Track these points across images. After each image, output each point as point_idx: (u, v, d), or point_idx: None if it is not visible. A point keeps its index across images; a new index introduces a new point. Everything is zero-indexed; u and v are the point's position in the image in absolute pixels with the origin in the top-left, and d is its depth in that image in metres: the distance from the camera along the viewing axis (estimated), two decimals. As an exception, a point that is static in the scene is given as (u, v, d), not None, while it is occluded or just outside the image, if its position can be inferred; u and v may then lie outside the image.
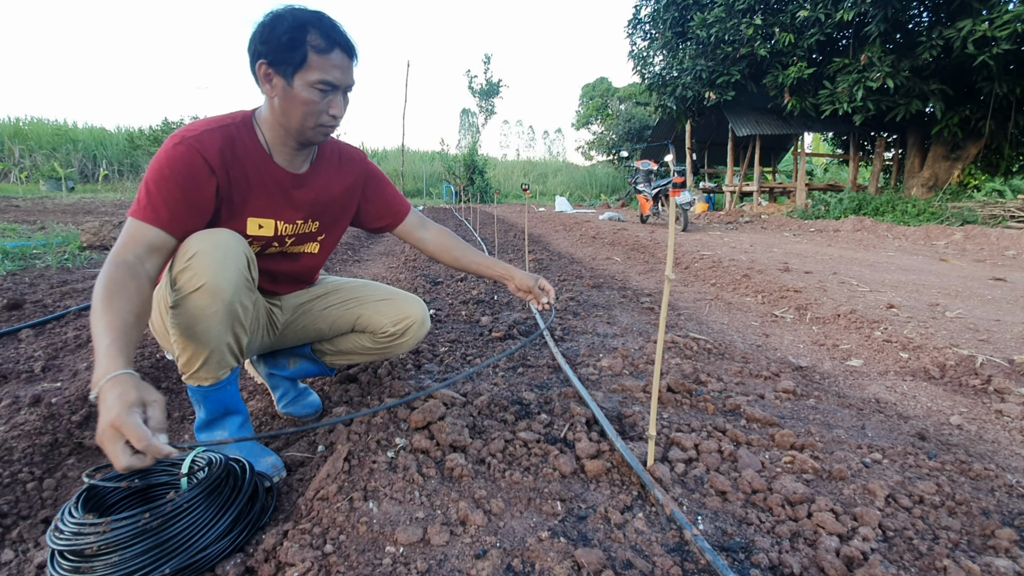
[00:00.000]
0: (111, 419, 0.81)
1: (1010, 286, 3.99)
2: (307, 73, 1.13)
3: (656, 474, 1.23)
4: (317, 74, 1.13)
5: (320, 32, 1.13)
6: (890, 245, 6.72)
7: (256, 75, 1.17)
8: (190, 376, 1.22)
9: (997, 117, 9.44)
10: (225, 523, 0.98)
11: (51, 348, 2.16)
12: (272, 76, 1.15)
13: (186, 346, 1.18)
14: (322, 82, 1.14)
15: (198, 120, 1.20)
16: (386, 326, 1.52)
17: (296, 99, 1.15)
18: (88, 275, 3.73)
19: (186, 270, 1.12)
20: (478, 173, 22.49)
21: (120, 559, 0.86)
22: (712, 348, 2.36)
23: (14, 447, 1.35)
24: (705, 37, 11.38)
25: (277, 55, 1.12)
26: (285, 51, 1.12)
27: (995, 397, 1.94)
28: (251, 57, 1.17)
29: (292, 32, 1.11)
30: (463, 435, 1.37)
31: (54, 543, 0.88)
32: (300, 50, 1.12)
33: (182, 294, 1.13)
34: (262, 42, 1.13)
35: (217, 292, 1.13)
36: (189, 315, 1.14)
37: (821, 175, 22.78)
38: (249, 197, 1.24)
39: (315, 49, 1.12)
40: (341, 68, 1.17)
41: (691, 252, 5.65)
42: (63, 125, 22.47)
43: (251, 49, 1.16)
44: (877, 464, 1.37)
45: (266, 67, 1.14)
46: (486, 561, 0.95)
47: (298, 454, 1.40)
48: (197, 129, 1.16)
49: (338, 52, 1.16)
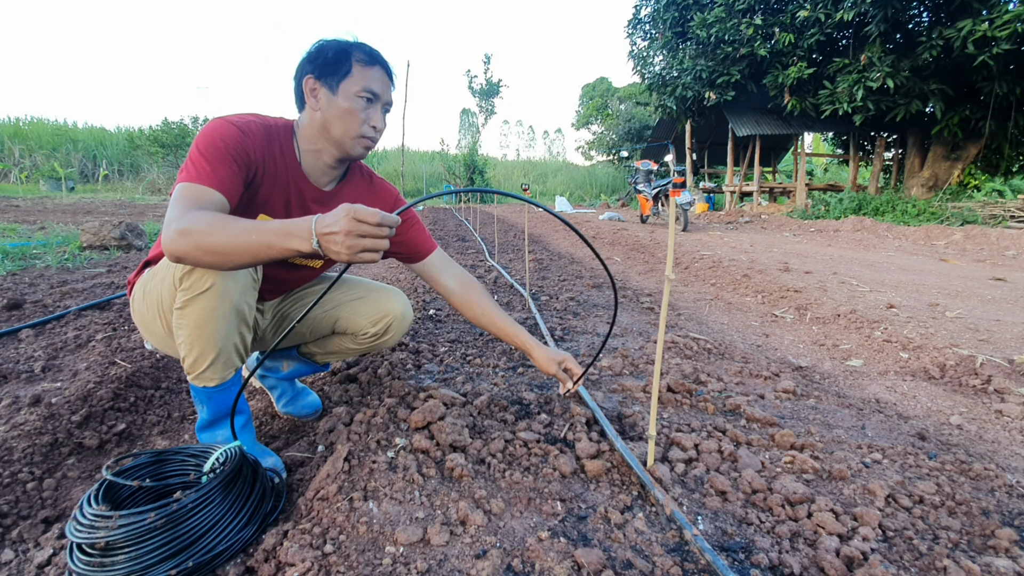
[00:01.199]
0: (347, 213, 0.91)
1: (1010, 286, 3.99)
2: (351, 82, 1.20)
3: (656, 474, 1.23)
4: (361, 83, 1.20)
5: (363, 51, 1.22)
6: (890, 245, 6.72)
7: (301, 92, 1.24)
8: (196, 377, 1.22)
9: (997, 117, 9.44)
10: (242, 517, 1.00)
11: (51, 348, 2.16)
12: (318, 89, 1.21)
13: (193, 347, 1.17)
14: (366, 90, 1.21)
15: (241, 113, 1.23)
16: (365, 327, 1.50)
17: (340, 108, 1.20)
18: (88, 275, 3.73)
19: (194, 271, 1.12)
20: (478, 173, 22.50)
21: (137, 553, 0.88)
22: (712, 348, 2.36)
23: (14, 447, 1.35)
24: (705, 37, 11.39)
25: (324, 69, 1.20)
26: (332, 64, 1.20)
27: (995, 397, 1.94)
28: (297, 77, 1.24)
29: (338, 49, 1.21)
30: (463, 435, 1.37)
31: (74, 535, 0.89)
32: (346, 63, 1.20)
33: (191, 294, 1.12)
34: (310, 62, 1.22)
35: (225, 293, 1.13)
36: (197, 316, 1.14)
37: (821, 175, 22.79)
38: (269, 197, 1.26)
39: (359, 62, 1.21)
40: (382, 83, 1.24)
41: (691, 252, 5.65)
42: (63, 125, 22.48)
43: (298, 72, 1.24)
44: (877, 464, 1.37)
45: (313, 80, 1.21)
46: (486, 561, 0.95)
47: (298, 454, 1.40)
48: (245, 118, 1.19)
49: (379, 69, 1.24)
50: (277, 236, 0.95)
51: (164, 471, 1.08)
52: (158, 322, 1.26)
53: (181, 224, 0.97)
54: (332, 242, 0.92)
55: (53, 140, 20.44)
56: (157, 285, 1.22)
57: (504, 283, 3.85)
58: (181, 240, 0.96)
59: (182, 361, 1.22)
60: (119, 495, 1.02)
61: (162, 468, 1.08)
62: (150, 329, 1.31)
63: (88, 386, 1.68)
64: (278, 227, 0.95)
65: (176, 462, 1.09)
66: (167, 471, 1.08)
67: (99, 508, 0.92)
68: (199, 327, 1.15)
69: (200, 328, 1.15)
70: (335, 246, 0.92)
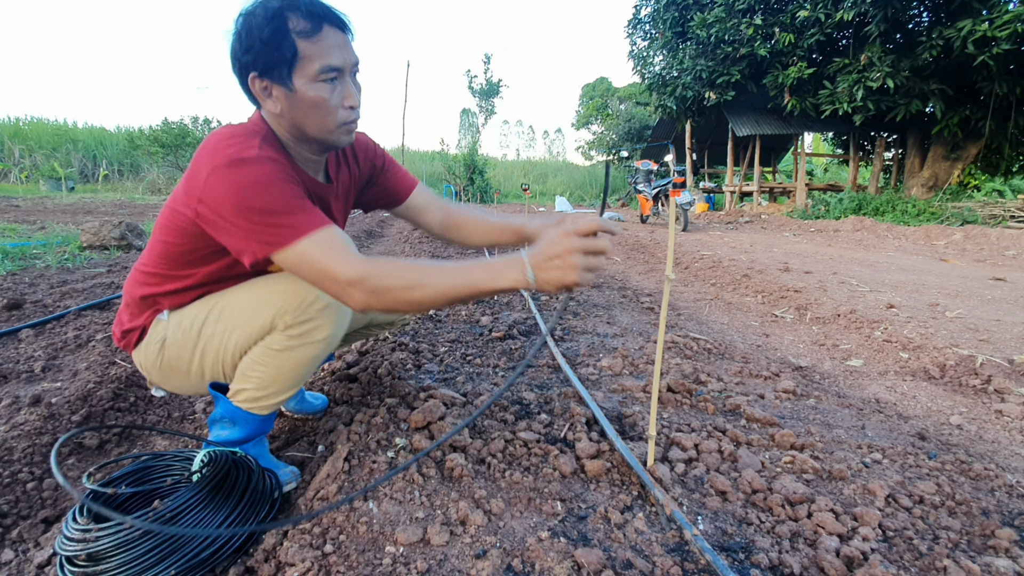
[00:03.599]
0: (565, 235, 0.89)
1: (1010, 286, 3.99)
2: (305, 66, 0.97)
3: (656, 474, 1.23)
4: (316, 63, 0.97)
5: (300, 13, 0.96)
6: (890, 245, 6.72)
7: (251, 94, 1.02)
8: (256, 407, 1.16)
9: (997, 117, 9.44)
10: (232, 522, 0.99)
11: (51, 348, 2.16)
12: (270, 87, 1.00)
13: (270, 386, 1.14)
14: (324, 70, 0.98)
15: (224, 133, 1.00)
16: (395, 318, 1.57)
17: (304, 102, 0.99)
18: (88, 275, 3.73)
19: (312, 320, 1.10)
20: (478, 173, 22.48)
21: (122, 561, 0.87)
22: (712, 348, 2.36)
23: (14, 447, 1.35)
24: (705, 37, 11.38)
25: (265, 60, 0.96)
26: (271, 51, 0.95)
27: (995, 397, 1.94)
28: (239, 75, 1.01)
29: (271, 25, 0.94)
30: (463, 435, 1.37)
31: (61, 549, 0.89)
32: (286, 43, 0.95)
33: (301, 342, 1.10)
34: (244, 51, 0.97)
35: (333, 342, 1.14)
36: (296, 361, 1.12)
37: (821, 175, 22.78)
38: None
39: (302, 35, 0.96)
40: (339, 46, 0.99)
41: (691, 252, 5.65)
42: (63, 125, 22.47)
43: (235, 66, 1.00)
44: (877, 464, 1.36)
45: (259, 79, 0.99)
46: (486, 561, 0.95)
47: (298, 453, 1.40)
48: (254, 144, 0.97)
49: (328, 28, 0.98)
50: (486, 279, 0.92)
51: (151, 477, 1.07)
52: (197, 366, 1.15)
53: (369, 284, 0.91)
54: (557, 268, 0.88)
55: (53, 140, 20.43)
56: (223, 329, 1.11)
57: (504, 283, 3.84)
58: (376, 299, 0.93)
59: (237, 391, 1.15)
60: (110, 503, 1.01)
61: (149, 474, 1.07)
62: (179, 374, 1.18)
63: (88, 386, 1.68)
64: (484, 270, 0.93)
65: (162, 467, 1.08)
66: (155, 476, 1.07)
67: (81, 521, 0.91)
68: (293, 371, 1.13)
69: (293, 371, 1.13)
70: (559, 273, 0.88)
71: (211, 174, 0.94)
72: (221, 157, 0.94)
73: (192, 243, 1.06)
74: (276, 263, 0.97)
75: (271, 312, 1.09)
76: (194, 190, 0.97)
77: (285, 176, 0.97)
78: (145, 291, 1.14)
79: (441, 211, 1.40)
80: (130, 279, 1.17)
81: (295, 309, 1.08)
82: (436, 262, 0.97)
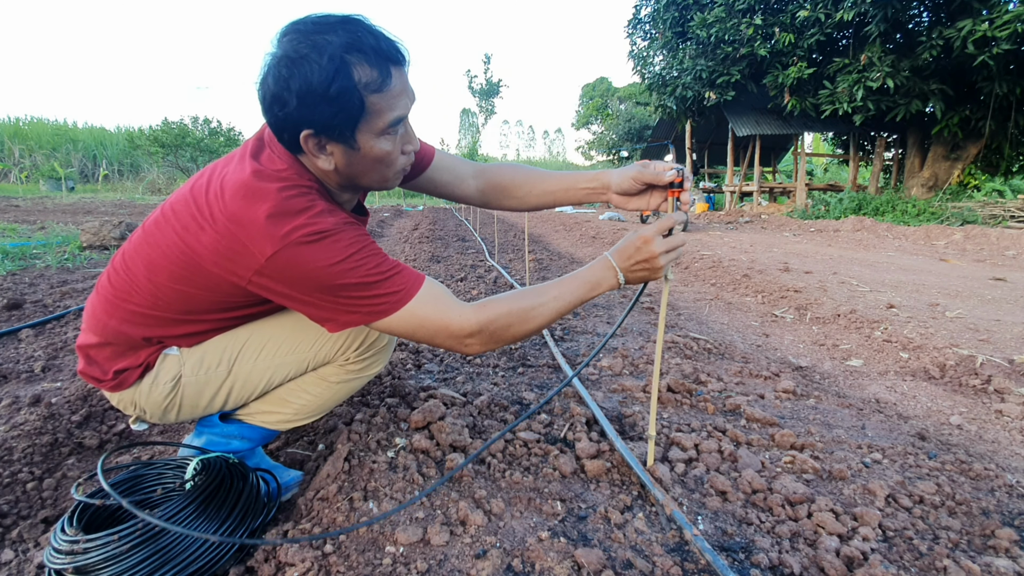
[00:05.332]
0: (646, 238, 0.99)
1: (1010, 286, 3.99)
2: (372, 122, 0.85)
3: (656, 474, 1.23)
4: (385, 118, 0.86)
5: (367, 59, 0.82)
6: (890, 245, 6.72)
7: (297, 146, 0.88)
8: (282, 426, 1.17)
9: (997, 117, 9.45)
10: (225, 529, 0.97)
11: (51, 348, 2.16)
12: (326, 144, 0.87)
13: (313, 411, 1.17)
14: (393, 123, 0.87)
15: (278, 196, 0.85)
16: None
17: (368, 159, 0.89)
18: (88, 275, 3.72)
19: (374, 356, 1.14)
20: (478, 173, 22.45)
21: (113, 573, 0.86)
22: (712, 348, 2.36)
23: (14, 447, 1.35)
24: (705, 37, 11.39)
25: (327, 118, 0.82)
26: (336, 109, 0.82)
27: (995, 397, 1.94)
28: (284, 127, 0.86)
29: (338, 81, 0.80)
30: (463, 435, 1.37)
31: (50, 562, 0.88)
32: (354, 99, 0.82)
33: (359, 376, 1.15)
34: (298, 104, 0.81)
35: (380, 373, 1.19)
36: (348, 391, 1.16)
37: (821, 175, 22.79)
38: None
39: (370, 88, 0.82)
40: (404, 91, 0.88)
41: (691, 252, 5.65)
42: (63, 125, 22.49)
43: (279, 118, 0.84)
44: (877, 464, 1.36)
45: (314, 138, 0.85)
46: (486, 561, 0.95)
47: (299, 452, 1.40)
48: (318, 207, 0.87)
49: (395, 72, 0.85)
50: (587, 292, 1.00)
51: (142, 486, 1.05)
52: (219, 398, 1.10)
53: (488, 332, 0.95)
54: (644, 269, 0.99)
55: (53, 140, 20.45)
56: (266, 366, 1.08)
57: (504, 283, 3.85)
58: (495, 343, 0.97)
59: (265, 414, 1.14)
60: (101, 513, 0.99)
61: (141, 483, 1.06)
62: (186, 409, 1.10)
63: (88, 386, 1.68)
64: (583, 284, 1.00)
65: (154, 475, 1.07)
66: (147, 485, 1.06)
67: (71, 532, 0.89)
68: (338, 399, 1.18)
69: (338, 400, 1.18)
70: (646, 274, 1.00)
71: (282, 251, 0.82)
72: (290, 232, 0.82)
73: (228, 299, 0.97)
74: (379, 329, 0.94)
75: (332, 347, 1.11)
76: (249, 261, 0.85)
77: (366, 238, 0.89)
78: (147, 332, 1.01)
79: (477, 177, 1.25)
80: (111, 313, 0.99)
81: (361, 346, 1.13)
82: (533, 288, 1.01)
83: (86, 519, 0.95)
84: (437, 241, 6.66)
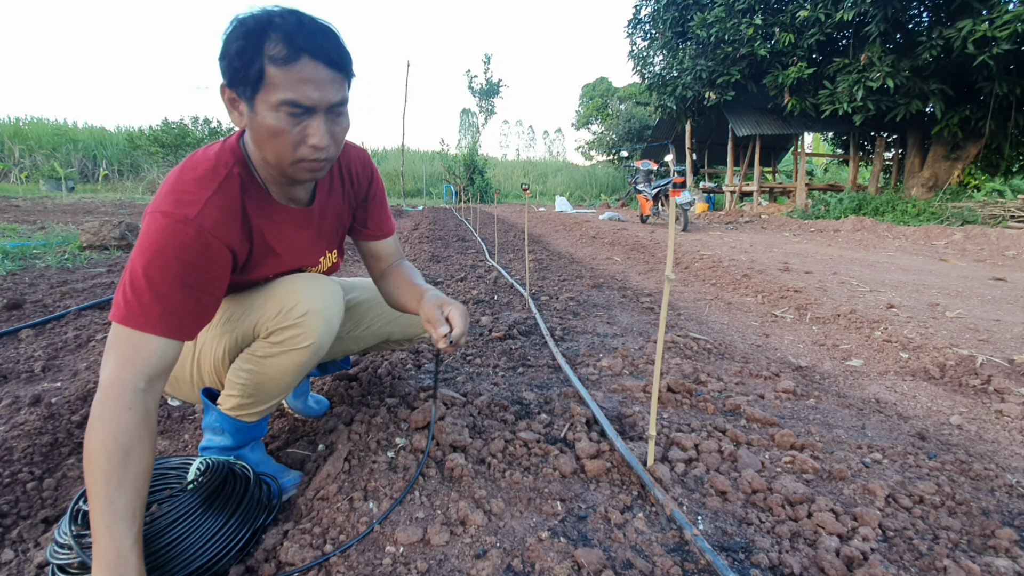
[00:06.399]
0: None
1: (1010, 286, 3.99)
2: (268, 93, 0.88)
3: (656, 474, 1.23)
4: (279, 93, 0.88)
5: (282, 37, 0.86)
6: (890, 245, 6.72)
7: (224, 103, 0.96)
8: (243, 414, 1.16)
9: (997, 117, 9.44)
10: (227, 530, 0.98)
11: (51, 348, 2.16)
12: (237, 101, 0.93)
13: (254, 394, 1.13)
14: (286, 103, 0.88)
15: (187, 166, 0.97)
16: (421, 333, 1.55)
17: (262, 127, 0.91)
18: (88, 275, 3.73)
19: (294, 327, 1.07)
20: (478, 173, 22.50)
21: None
22: (712, 348, 2.36)
23: (14, 447, 1.35)
24: (705, 37, 11.38)
25: (233, 73, 0.89)
26: (239, 67, 0.88)
27: (995, 397, 1.94)
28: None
29: (243, 40, 0.86)
30: (463, 435, 1.37)
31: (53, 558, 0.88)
32: (255, 64, 0.87)
33: (284, 349, 1.08)
34: (220, 58, 0.90)
35: (320, 350, 1.12)
36: (280, 369, 1.10)
37: (821, 175, 22.78)
38: (268, 257, 1.09)
39: (274, 61, 0.87)
40: (314, 82, 0.89)
41: (691, 252, 5.65)
42: (63, 125, 22.48)
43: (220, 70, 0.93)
44: (877, 464, 1.36)
45: (228, 89, 0.93)
46: (486, 561, 0.95)
47: (298, 451, 1.40)
48: (196, 200, 0.93)
49: (309, 61, 0.88)
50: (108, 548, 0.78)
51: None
52: (195, 373, 1.17)
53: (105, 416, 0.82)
54: None
55: (53, 140, 20.44)
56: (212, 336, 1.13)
57: (504, 283, 3.85)
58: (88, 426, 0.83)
59: (225, 397, 1.15)
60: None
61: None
62: (182, 383, 1.20)
63: (88, 386, 1.68)
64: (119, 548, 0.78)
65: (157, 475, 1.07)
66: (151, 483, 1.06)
67: (76, 528, 0.90)
68: (277, 378, 1.11)
69: (276, 379, 1.12)
70: None
71: (148, 213, 0.93)
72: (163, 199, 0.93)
73: None
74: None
75: (253, 319, 1.10)
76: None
77: (188, 257, 0.90)
78: None
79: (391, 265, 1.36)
80: None
81: (275, 316, 1.08)
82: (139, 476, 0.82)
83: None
84: (437, 241, 6.66)
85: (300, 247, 1.15)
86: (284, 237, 1.10)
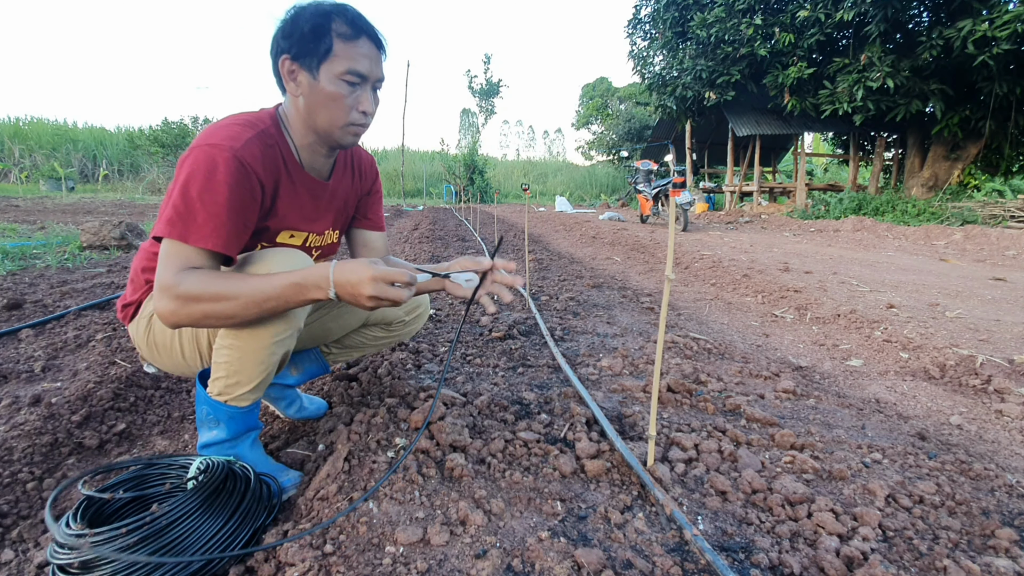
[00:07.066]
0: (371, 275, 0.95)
1: (1010, 286, 3.99)
2: (334, 63, 1.06)
3: (656, 474, 1.23)
4: (344, 63, 1.06)
5: (345, 20, 1.06)
6: (890, 245, 6.72)
7: (279, 74, 1.11)
8: (231, 398, 1.15)
9: (997, 117, 9.44)
10: (228, 530, 0.97)
11: (51, 348, 2.16)
12: (297, 72, 1.09)
13: (240, 371, 1.12)
14: (350, 72, 1.07)
15: (227, 119, 1.09)
16: (400, 316, 1.56)
17: (323, 94, 1.08)
18: (88, 275, 3.72)
19: None
20: (478, 173, 22.51)
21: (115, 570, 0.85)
22: (712, 348, 2.36)
23: (14, 447, 1.35)
24: (705, 37, 11.38)
25: (301, 47, 1.06)
26: (309, 42, 1.05)
27: (995, 397, 1.94)
28: (273, 56, 1.11)
29: (315, 20, 1.05)
30: (463, 435, 1.37)
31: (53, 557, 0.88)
32: (325, 39, 1.05)
33: (263, 324, 1.08)
34: (284, 37, 1.07)
35: (295, 317, 1.12)
36: (257, 341, 1.10)
37: (821, 175, 22.79)
38: (285, 209, 1.18)
39: (341, 37, 1.06)
40: (370, 58, 1.10)
41: (691, 252, 5.65)
42: (63, 125, 22.48)
43: (273, 48, 1.10)
44: (877, 464, 1.36)
45: (290, 62, 1.08)
46: (486, 561, 0.95)
47: (299, 451, 1.40)
48: (239, 136, 1.04)
49: (366, 41, 1.09)
50: (293, 293, 0.98)
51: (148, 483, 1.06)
52: (177, 344, 1.19)
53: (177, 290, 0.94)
54: (354, 297, 0.98)
55: (53, 140, 20.45)
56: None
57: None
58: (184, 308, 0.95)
59: (212, 381, 1.15)
60: (105, 509, 0.99)
61: (146, 481, 1.06)
62: (165, 352, 1.23)
63: (88, 386, 1.68)
64: (289, 286, 0.98)
65: (158, 473, 1.07)
66: (152, 482, 1.06)
67: (76, 527, 0.89)
68: (255, 352, 1.10)
69: (256, 353, 1.10)
70: (351, 298, 0.98)
71: (194, 148, 1.02)
72: (208, 136, 1.03)
73: None
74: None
75: None
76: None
77: (235, 182, 1.01)
78: (146, 264, 1.19)
79: (381, 259, 1.42)
80: (138, 254, 1.23)
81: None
82: (239, 275, 1.00)
83: (89, 516, 0.95)
84: (437, 241, 6.65)
85: (308, 212, 1.23)
86: (297, 198, 1.19)
